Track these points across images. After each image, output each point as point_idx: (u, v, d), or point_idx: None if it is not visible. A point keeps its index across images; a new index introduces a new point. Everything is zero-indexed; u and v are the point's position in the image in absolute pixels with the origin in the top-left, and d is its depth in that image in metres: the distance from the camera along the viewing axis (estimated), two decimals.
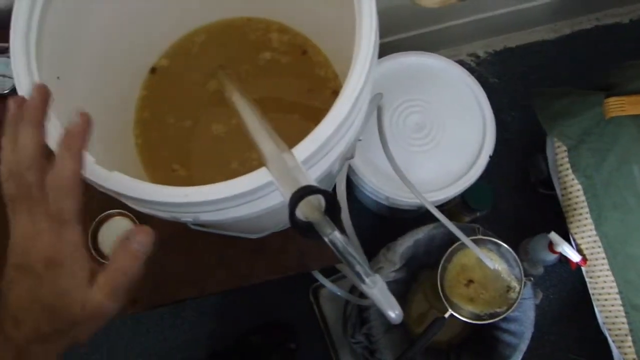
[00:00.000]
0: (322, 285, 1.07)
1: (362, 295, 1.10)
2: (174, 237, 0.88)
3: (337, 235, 0.40)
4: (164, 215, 0.60)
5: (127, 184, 0.52)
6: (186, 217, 0.59)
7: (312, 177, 0.44)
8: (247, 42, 0.85)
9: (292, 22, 0.84)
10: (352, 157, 0.70)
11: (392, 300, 0.43)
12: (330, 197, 0.39)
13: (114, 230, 0.96)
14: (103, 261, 0.94)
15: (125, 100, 0.82)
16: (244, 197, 0.52)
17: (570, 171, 1.30)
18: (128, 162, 0.79)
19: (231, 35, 0.86)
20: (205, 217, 0.58)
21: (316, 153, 0.51)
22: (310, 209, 0.40)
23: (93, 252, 0.93)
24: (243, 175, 0.50)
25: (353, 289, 1.30)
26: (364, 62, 0.53)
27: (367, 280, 0.42)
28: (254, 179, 0.49)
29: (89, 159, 0.53)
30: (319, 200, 0.40)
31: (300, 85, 0.82)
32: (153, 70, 0.85)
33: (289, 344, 1.52)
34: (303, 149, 0.50)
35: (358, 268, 0.41)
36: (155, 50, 0.86)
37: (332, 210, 0.40)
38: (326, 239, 0.40)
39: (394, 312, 0.44)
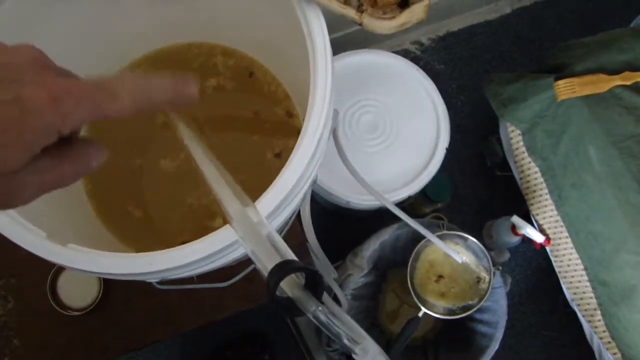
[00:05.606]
0: None
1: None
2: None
3: (320, 310, 0.37)
4: (129, 279, 0.57)
5: (87, 259, 0.48)
6: (152, 279, 0.56)
7: (287, 245, 0.40)
8: (191, 70, 0.81)
9: (235, 44, 0.81)
10: (315, 182, 0.68)
11: None
12: (311, 271, 0.37)
13: (76, 278, 0.90)
14: (63, 312, 0.88)
15: None
16: (211, 258, 0.49)
17: (526, 154, 1.30)
18: (76, 210, 0.74)
19: (174, 64, 0.81)
20: (174, 276, 0.55)
21: (283, 202, 0.48)
22: (289, 285, 0.37)
23: (52, 302, 0.87)
24: (208, 235, 0.47)
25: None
26: (322, 100, 0.50)
27: (356, 349, 0.39)
28: (220, 240, 0.46)
29: (40, 233, 0.49)
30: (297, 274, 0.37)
31: (250, 109, 0.79)
32: None
33: (263, 356, 1.50)
34: (268, 201, 0.48)
35: (346, 340, 0.38)
36: None
37: (313, 284, 0.37)
38: (310, 315, 0.37)
39: None
